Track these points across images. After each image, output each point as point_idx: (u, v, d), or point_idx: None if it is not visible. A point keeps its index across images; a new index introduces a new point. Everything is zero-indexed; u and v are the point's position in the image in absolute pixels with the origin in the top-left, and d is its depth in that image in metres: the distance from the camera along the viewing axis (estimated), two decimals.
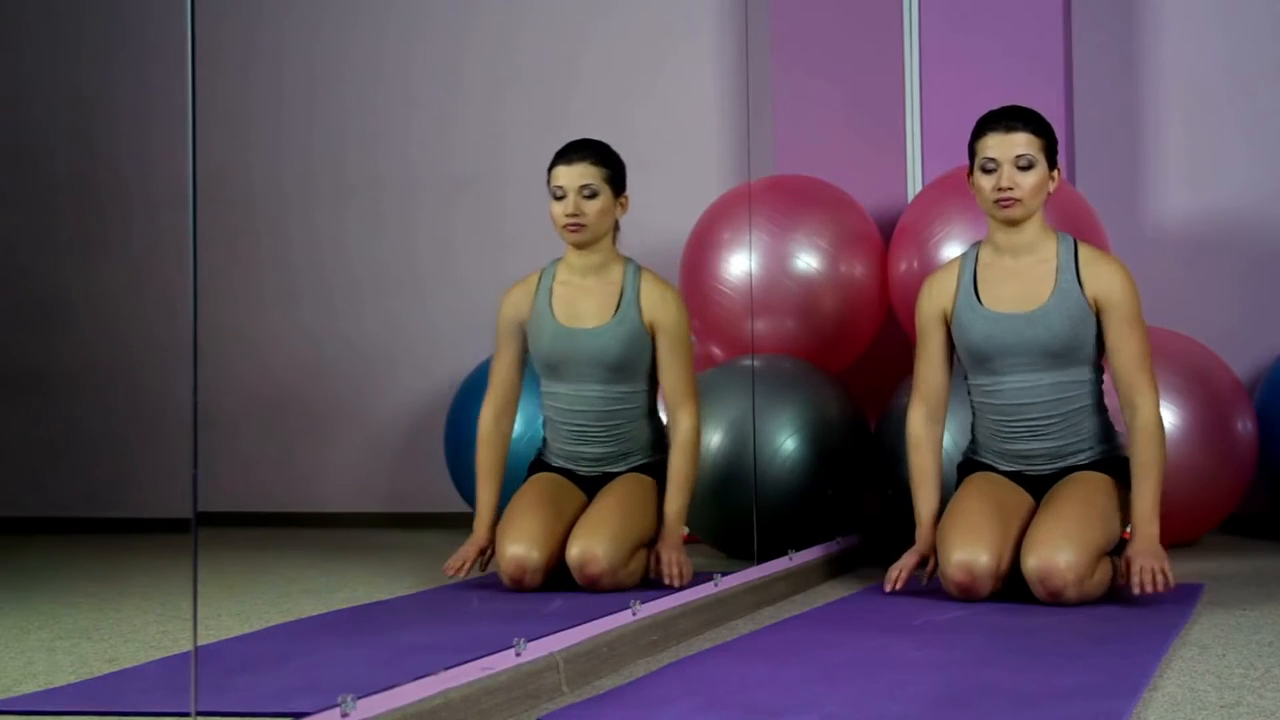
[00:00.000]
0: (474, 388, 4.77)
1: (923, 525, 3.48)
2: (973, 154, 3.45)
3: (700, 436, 3.67)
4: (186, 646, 2.90)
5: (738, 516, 3.97)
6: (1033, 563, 3.20)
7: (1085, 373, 3.42)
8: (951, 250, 4.29)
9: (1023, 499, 3.45)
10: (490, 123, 5.86)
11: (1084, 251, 3.42)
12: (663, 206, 5.49)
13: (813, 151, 4.92)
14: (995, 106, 3.52)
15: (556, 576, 3.54)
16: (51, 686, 2.57)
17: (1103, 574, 3.28)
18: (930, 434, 3.53)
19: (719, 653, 2.79)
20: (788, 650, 2.74)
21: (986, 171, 3.40)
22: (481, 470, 3.73)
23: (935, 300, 3.53)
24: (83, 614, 3.50)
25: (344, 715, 1.99)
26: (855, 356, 4.69)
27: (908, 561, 3.43)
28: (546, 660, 2.47)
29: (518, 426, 4.20)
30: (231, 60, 6.11)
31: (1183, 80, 5.16)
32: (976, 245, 3.55)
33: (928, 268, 4.33)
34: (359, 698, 2.02)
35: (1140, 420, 3.31)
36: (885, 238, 4.63)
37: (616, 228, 3.73)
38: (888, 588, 3.37)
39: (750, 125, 5.09)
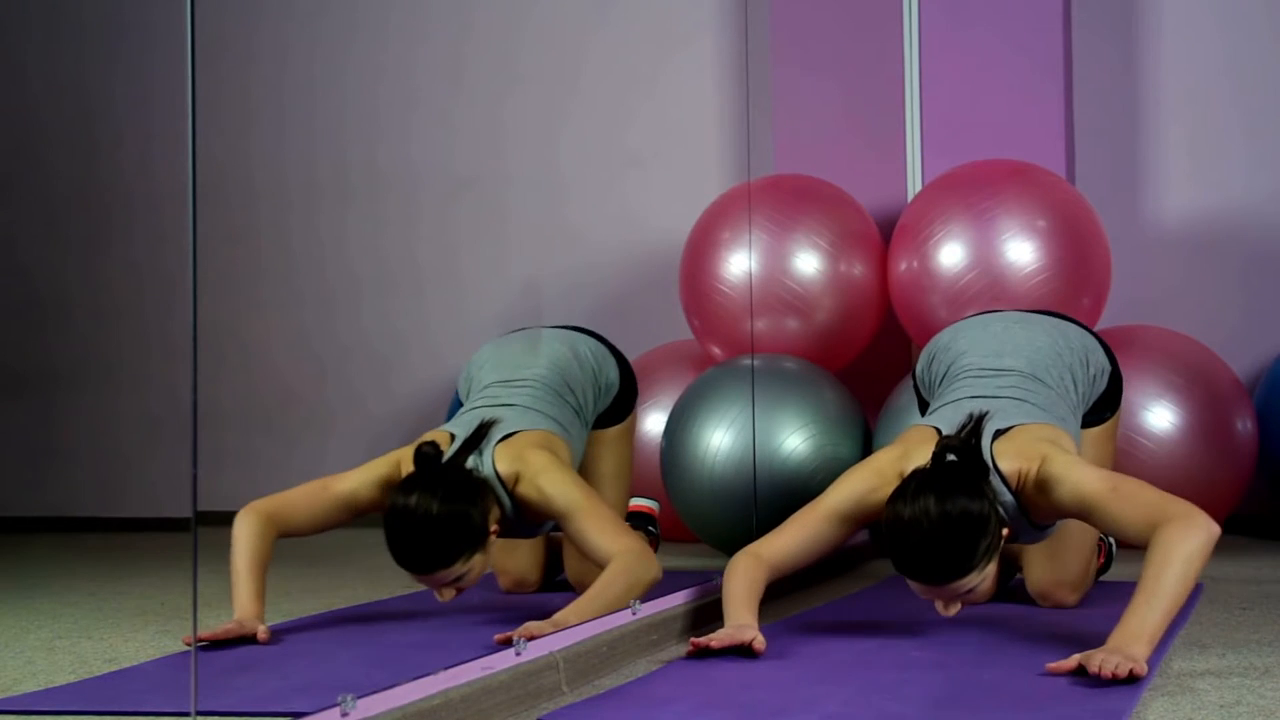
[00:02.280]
0: None
1: (733, 622, 2.73)
2: None
3: (644, 563, 2.95)
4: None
5: (738, 516, 3.98)
6: (1036, 579, 3.20)
7: None
8: (952, 250, 4.29)
9: None
10: (491, 122, 5.86)
11: (1024, 500, 2.76)
12: (662, 206, 5.51)
13: (812, 151, 4.92)
14: (909, 520, 2.55)
15: (557, 574, 3.54)
16: (51, 686, 2.57)
17: (1092, 564, 3.27)
18: (758, 575, 2.80)
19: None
20: (788, 650, 2.74)
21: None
22: (247, 559, 3.03)
23: (878, 502, 2.74)
24: (83, 614, 3.50)
25: (344, 715, 1.99)
26: (855, 356, 4.68)
27: (725, 637, 2.65)
28: (546, 660, 2.47)
29: None
30: (231, 60, 6.11)
31: (1183, 80, 5.16)
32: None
33: (928, 267, 4.33)
34: (359, 698, 2.02)
35: (1166, 534, 2.50)
36: (885, 237, 4.62)
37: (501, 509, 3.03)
38: (699, 644, 2.64)
39: (750, 124, 5.09)
